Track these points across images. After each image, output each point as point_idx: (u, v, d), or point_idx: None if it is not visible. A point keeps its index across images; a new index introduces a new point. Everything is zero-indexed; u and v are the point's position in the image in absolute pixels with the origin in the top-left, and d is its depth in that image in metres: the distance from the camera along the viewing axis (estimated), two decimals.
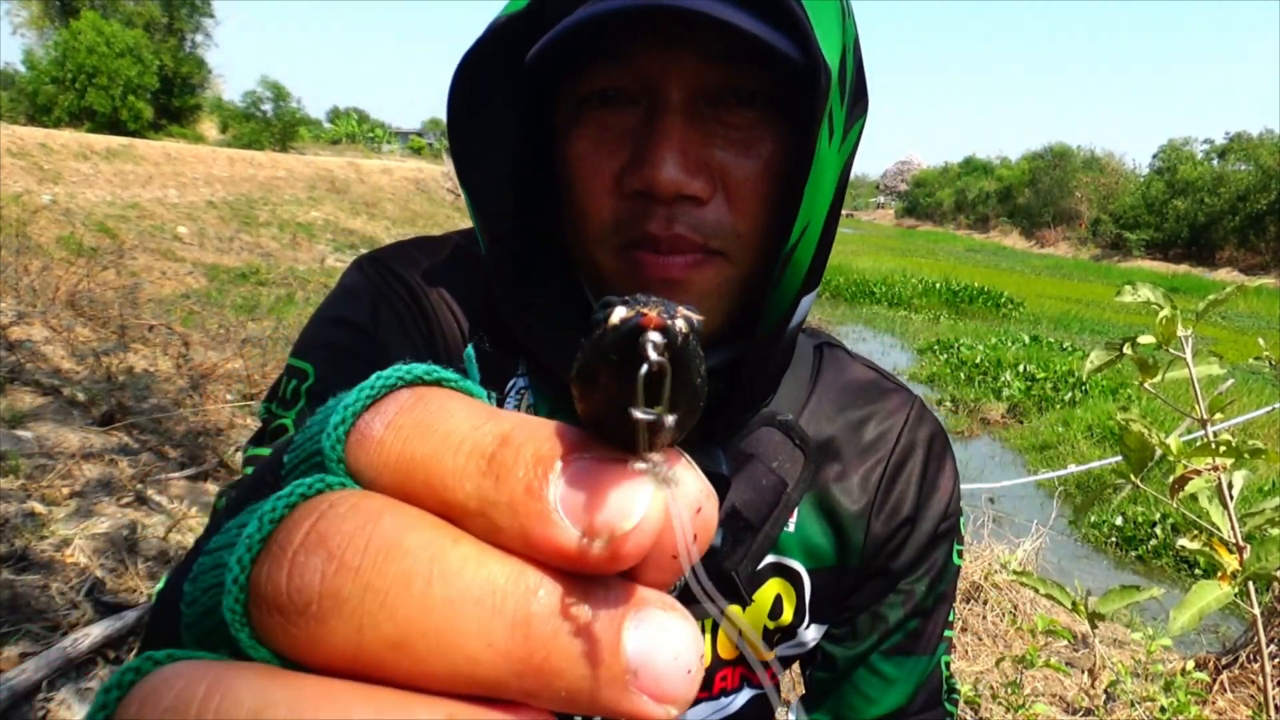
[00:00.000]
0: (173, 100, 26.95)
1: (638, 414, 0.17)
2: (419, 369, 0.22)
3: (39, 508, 2.84)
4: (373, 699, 0.17)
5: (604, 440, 0.19)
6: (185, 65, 27.35)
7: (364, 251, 0.72)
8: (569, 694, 0.18)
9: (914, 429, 0.72)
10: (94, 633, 2.21)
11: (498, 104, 0.60)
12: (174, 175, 13.28)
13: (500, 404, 0.65)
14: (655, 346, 0.17)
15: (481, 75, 0.59)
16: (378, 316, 0.64)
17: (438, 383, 0.22)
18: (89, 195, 10.79)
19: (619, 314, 0.17)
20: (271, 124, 30.80)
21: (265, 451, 0.61)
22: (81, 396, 3.91)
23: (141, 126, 23.23)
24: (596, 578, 0.19)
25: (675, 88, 0.55)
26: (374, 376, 0.22)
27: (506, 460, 0.19)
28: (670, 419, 0.17)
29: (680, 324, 0.17)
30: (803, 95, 0.55)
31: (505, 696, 0.18)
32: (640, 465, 0.19)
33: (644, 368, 0.17)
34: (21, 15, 26.96)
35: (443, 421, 0.20)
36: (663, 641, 0.18)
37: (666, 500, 0.18)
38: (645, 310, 0.17)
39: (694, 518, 0.19)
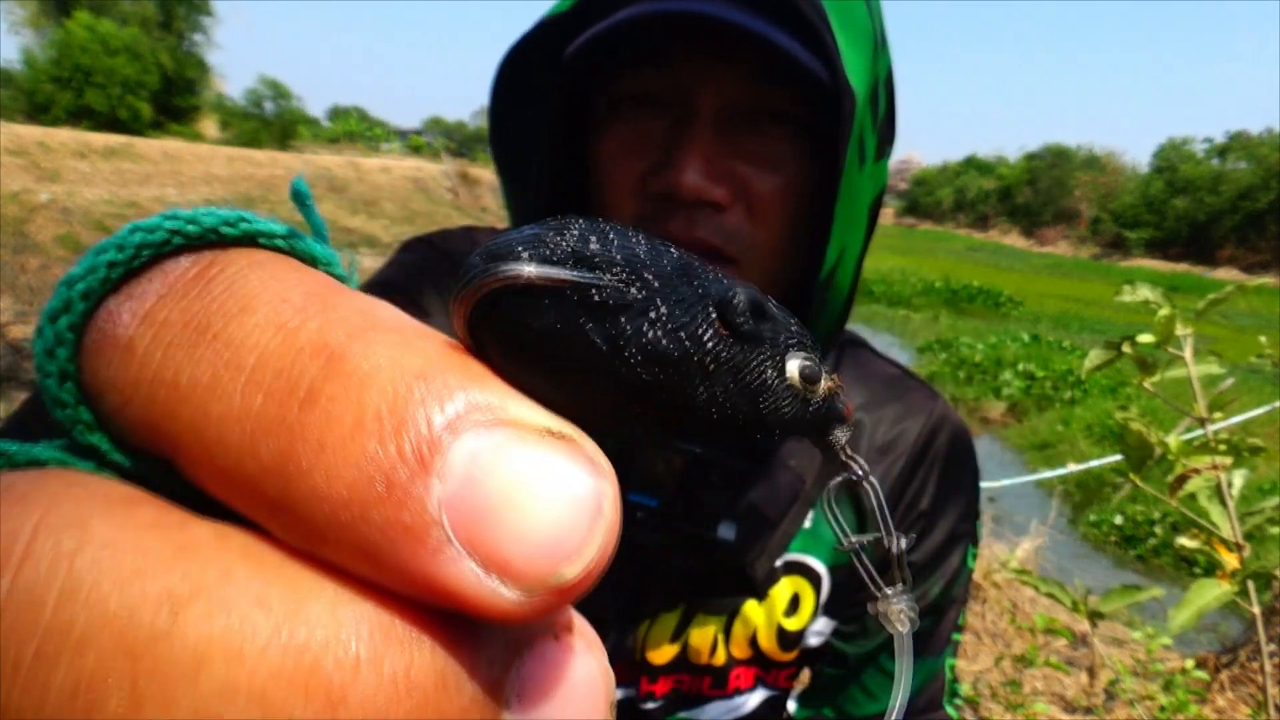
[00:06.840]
0: (173, 99, 26.93)
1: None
2: (213, 216, 0.13)
3: None
4: None
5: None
6: (186, 66, 27.34)
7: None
8: None
9: (935, 427, 0.72)
10: None
11: (540, 99, 0.61)
12: (173, 174, 13.26)
13: None
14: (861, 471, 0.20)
15: (527, 70, 0.60)
16: (422, 287, 0.66)
17: (249, 240, 0.13)
18: (87, 194, 10.78)
19: (825, 384, 0.15)
20: (271, 123, 30.80)
21: None
22: None
23: (141, 126, 23.21)
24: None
25: (708, 99, 0.57)
26: (127, 227, 0.13)
27: (337, 406, 0.10)
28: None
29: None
30: (830, 120, 0.56)
31: None
32: (579, 440, 0.11)
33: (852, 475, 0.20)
34: (17, 14, 26.94)
35: (232, 315, 0.11)
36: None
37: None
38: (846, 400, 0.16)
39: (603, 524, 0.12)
